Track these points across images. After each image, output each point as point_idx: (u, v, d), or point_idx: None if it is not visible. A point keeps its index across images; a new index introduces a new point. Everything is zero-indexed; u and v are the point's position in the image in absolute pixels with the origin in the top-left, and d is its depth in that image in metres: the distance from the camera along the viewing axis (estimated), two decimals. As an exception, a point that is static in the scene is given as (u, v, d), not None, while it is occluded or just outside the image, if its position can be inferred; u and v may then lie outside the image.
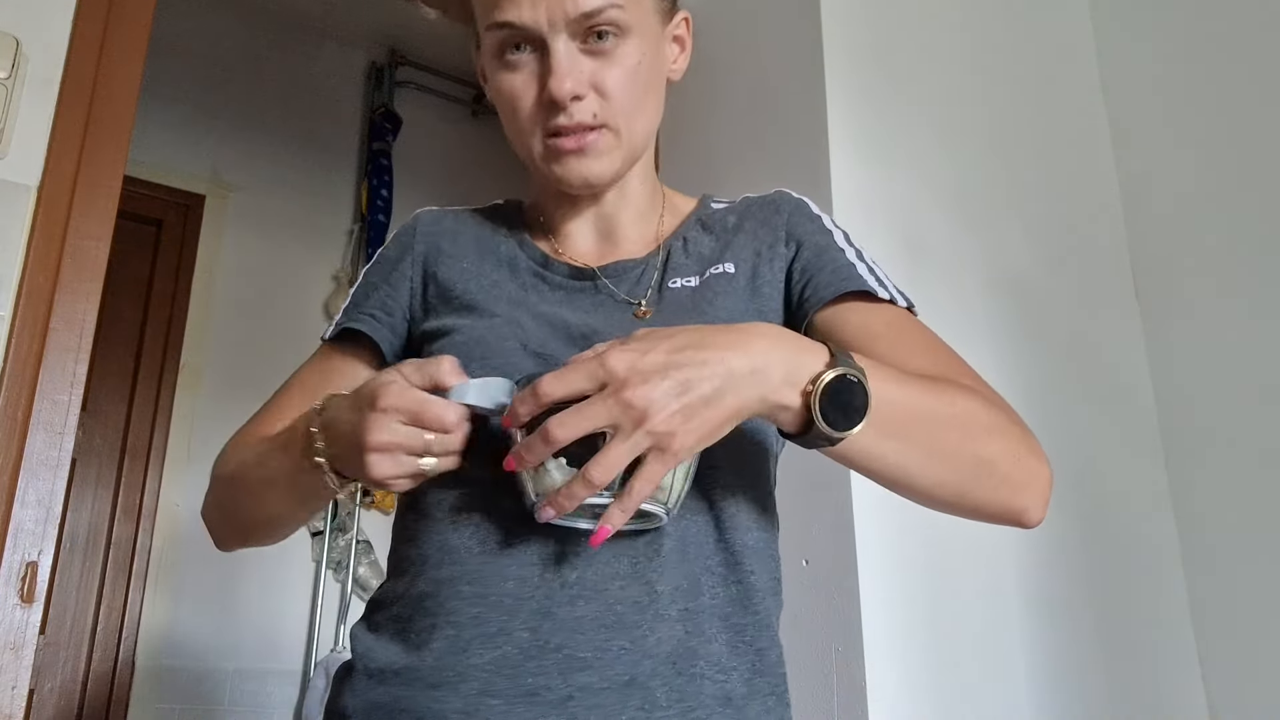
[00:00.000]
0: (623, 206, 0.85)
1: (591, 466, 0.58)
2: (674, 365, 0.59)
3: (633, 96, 0.77)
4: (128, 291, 2.86)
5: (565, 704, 0.65)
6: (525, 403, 0.61)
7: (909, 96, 1.72)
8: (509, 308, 0.80)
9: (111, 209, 1.33)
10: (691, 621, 0.69)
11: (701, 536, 0.71)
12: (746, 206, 0.88)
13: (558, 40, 0.74)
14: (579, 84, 0.74)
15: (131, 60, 1.40)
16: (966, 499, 0.69)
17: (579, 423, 0.58)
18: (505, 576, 0.68)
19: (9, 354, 1.22)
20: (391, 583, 0.76)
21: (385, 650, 0.71)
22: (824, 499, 1.39)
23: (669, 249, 0.84)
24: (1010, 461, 0.69)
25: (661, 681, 0.66)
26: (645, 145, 0.83)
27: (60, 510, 1.24)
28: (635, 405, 0.57)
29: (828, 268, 0.80)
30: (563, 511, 0.60)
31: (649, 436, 0.58)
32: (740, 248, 0.83)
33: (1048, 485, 0.71)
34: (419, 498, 0.75)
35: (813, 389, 0.61)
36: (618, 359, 0.59)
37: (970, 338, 1.61)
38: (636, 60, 0.77)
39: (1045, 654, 1.52)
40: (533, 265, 0.84)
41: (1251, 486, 1.65)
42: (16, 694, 1.16)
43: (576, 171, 0.78)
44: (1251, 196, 1.73)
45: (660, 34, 0.81)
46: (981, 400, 0.70)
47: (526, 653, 0.66)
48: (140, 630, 2.70)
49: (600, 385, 0.59)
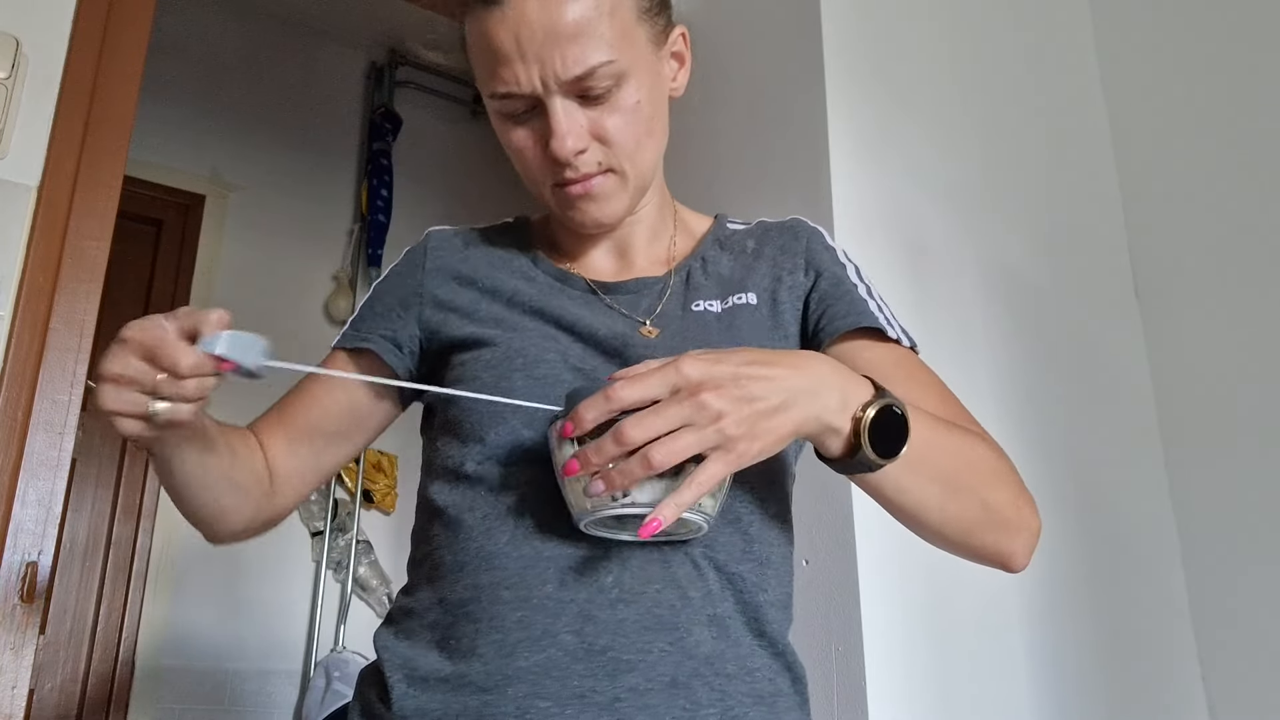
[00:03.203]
0: (636, 228, 0.87)
1: (656, 448, 0.58)
2: (744, 377, 0.61)
3: (635, 137, 0.78)
4: (128, 291, 2.86)
5: (614, 705, 0.67)
6: (594, 408, 0.60)
7: (909, 98, 1.72)
8: (536, 319, 0.81)
9: (111, 209, 1.33)
10: (719, 625, 0.71)
11: (730, 546, 0.74)
12: (764, 231, 0.90)
13: (554, 101, 0.75)
14: (579, 140, 0.76)
15: (131, 60, 1.40)
16: (970, 539, 0.74)
17: (655, 423, 0.59)
18: (544, 580, 0.70)
19: (9, 354, 1.22)
20: (421, 591, 0.76)
21: (426, 658, 0.72)
22: (824, 500, 1.39)
23: (688, 270, 0.86)
24: (1012, 509, 0.74)
25: (703, 682, 0.69)
26: (653, 174, 0.84)
27: (60, 510, 1.24)
28: (710, 407, 0.59)
29: (844, 300, 0.83)
30: (611, 487, 0.60)
31: (719, 435, 0.59)
32: (760, 275, 0.85)
33: (1037, 535, 0.76)
34: (445, 508, 0.76)
35: (862, 416, 0.64)
36: (692, 366, 0.60)
37: (970, 338, 1.62)
38: (635, 100, 0.77)
39: (1045, 654, 1.52)
40: (549, 279, 0.85)
41: (1251, 486, 1.65)
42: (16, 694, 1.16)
43: (589, 216, 0.81)
44: (1251, 196, 1.73)
45: (656, 60, 0.81)
46: (992, 448, 0.75)
47: (573, 655, 0.68)
48: (140, 630, 2.70)
49: (674, 391, 0.60)
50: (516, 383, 0.74)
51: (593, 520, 0.64)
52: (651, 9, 0.79)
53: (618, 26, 0.75)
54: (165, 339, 0.62)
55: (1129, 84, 1.99)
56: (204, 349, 0.62)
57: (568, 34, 0.73)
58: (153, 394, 0.63)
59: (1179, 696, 1.64)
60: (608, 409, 0.60)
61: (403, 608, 0.77)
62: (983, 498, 0.72)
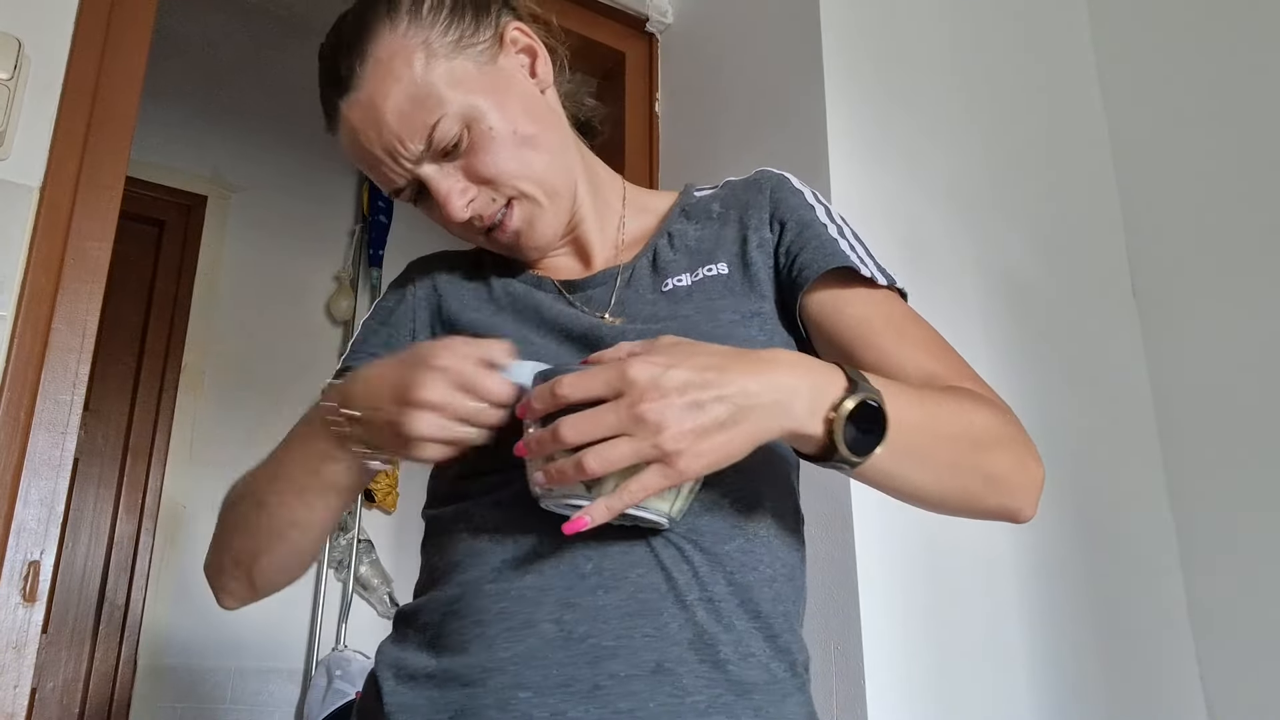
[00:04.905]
0: (582, 226, 0.87)
1: (590, 454, 0.58)
2: (694, 385, 0.58)
3: (510, 159, 0.78)
4: (130, 292, 2.87)
5: (594, 693, 0.65)
6: (542, 399, 0.61)
7: (908, 98, 1.72)
8: (516, 320, 0.81)
9: (113, 209, 1.34)
10: (710, 608, 0.69)
11: (716, 525, 0.72)
12: (730, 191, 0.88)
13: (425, 173, 0.78)
14: (464, 193, 0.78)
15: (133, 61, 1.41)
16: (972, 507, 0.71)
17: (590, 429, 0.58)
18: (526, 571, 0.69)
19: (11, 354, 1.23)
20: (417, 600, 0.77)
21: (416, 657, 0.72)
22: (824, 499, 1.39)
23: (655, 249, 0.85)
24: (1015, 469, 0.71)
25: (688, 669, 0.67)
26: (564, 173, 0.83)
27: (63, 509, 1.24)
28: (649, 420, 0.57)
29: (811, 245, 0.80)
30: (549, 484, 0.61)
31: (656, 450, 0.58)
32: (728, 240, 0.83)
33: (1041, 484, 0.73)
34: (439, 517, 0.77)
35: (835, 416, 0.61)
36: (640, 370, 0.58)
37: (969, 337, 1.62)
38: (489, 128, 0.77)
39: (1044, 654, 1.52)
40: (526, 285, 0.86)
41: (1250, 486, 1.65)
42: (19, 693, 1.16)
43: (529, 246, 0.82)
44: (1249, 196, 1.73)
45: (497, 74, 0.80)
46: (988, 409, 0.72)
47: (553, 644, 0.67)
48: (142, 629, 2.70)
49: (618, 394, 0.58)
50: None
51: (547, 503, 0.64)
52: (465, 35, 0.79)
53: (434, 79, 0.76)
54: (479, 370, 0.65)
55: (1127, 84, 1.99)
56: (514, 378, 0.65)
57: (392, 120, 0.76)
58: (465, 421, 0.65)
59: (1177, 696, 1.64)
60: (552, 403, 0.60)
61: (401, 615, 0.78)
62: (982, 469, 0.69)
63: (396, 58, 0.76)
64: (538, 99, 0.83)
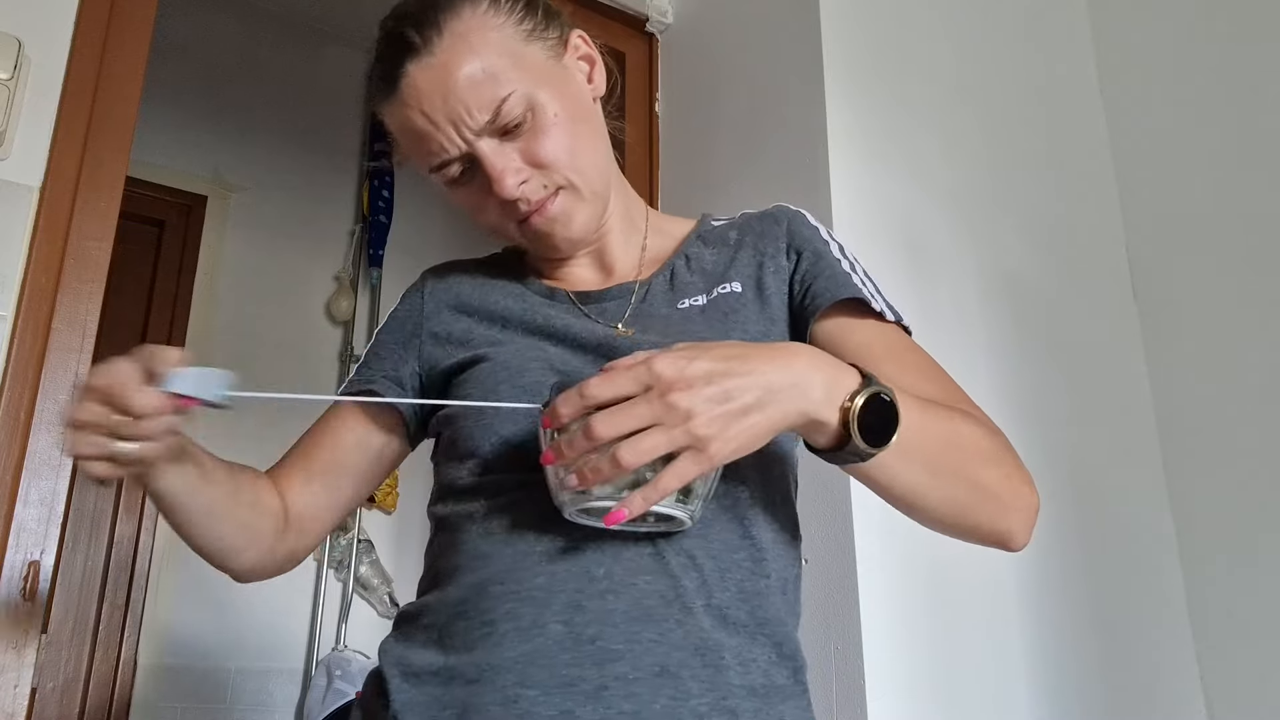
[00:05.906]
0: (609, 237, 0.89)
1: (624, 447, 0.59)
2: (719, 374, 0.60)
3: (568, 149, 0.80)
4: (130, 292, 2.86)
5: (600, 693, 0.66)
6: (569, 403, 0.61)
7: (908, 99, 1.72)
8: (525, 333, 0.83)
9: (113, 209, 1.34)
10: (715, 614, 0.71)
11: (725, 534, 0.73)
12: (746, 221, 0.91)
13: (481, 148, 0.78)
14: (518, 172, 0.79)
15: (133, 61, 1.41)
16: (964, 520, 0.73)
17: (623, 421, 0.59)
18: (535, 573, 0.70)
19: (12, 354, 1.23)
20: (422, 599, 0.78)
21: (422, 655, 0.73)
22: (824, 499, 1.39)
23: (672, 268, 0.87)
24: (1004, 487, 0.73)
25: (691, 673, 0.68)
26: (605, 177, 0.86)
27: (63, 509, 1.24)
28: (679, 407, 0.59)
29: (825, 275, 0.83)
30: (584, 482, 0.61)
31: (688, 436, 0.59)
32: (744, 264, 0.86)
33: (1035, 512, 0.74)
34: (445, 518, 0.78)
35: (850, 406, 0.63)
36: (664, 364, 0.60)
37: (969, 340, 1.62)
38: (553, 114, 0.80)
39: (1044, 654, 1.52)
40: (538, 297, 0.87)
41: (1249, 488, 1.65)
42: (19, 693, 1.16)
43: (559, 238, 0.83)
44: (1250, 198, 1.73)
45: (561, 71, 0.84)
46: (984, 427, 0.74)
47: (561, 644, 0.68)
48: (142, 629, 2.70)
49: (645, 389, 0.60)
50: (503, 393, 0.76)
51: (573, 510, 0.64)
52: (537, 28, 0.82)
53: (507, 58, 0.78)
54: (122, 385, 0.64)
55: (1127, 84, 1.99)
56: (163, 389, 0.64)
57: (463, 87, 0.77)
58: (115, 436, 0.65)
59: (1177, 696, 1.64)
60: (581, 405, 0.61)
61: (404, 615, 0.78)
62: (973, 479, 0.71)
63: (474, 33, 0.78)
64: (592, 104, 0.86)
